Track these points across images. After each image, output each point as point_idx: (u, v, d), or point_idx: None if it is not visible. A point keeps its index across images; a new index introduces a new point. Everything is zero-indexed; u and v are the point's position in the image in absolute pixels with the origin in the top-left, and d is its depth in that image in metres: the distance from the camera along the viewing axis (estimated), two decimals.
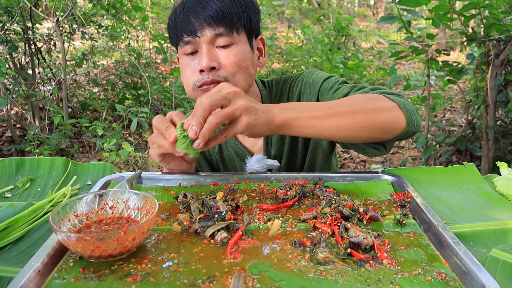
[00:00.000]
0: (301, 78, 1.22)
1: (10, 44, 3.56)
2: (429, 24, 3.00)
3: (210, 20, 1.00)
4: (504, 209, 0.92)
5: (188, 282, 0.61)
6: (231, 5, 1.01)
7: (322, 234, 0.74)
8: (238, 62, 1.04)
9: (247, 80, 1.08)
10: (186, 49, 1.04)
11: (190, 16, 1.01)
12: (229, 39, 1.02)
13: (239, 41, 1.05)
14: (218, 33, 1.01)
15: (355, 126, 0.87)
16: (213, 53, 1.02)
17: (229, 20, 1.01)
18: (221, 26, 1.01)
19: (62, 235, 0.64)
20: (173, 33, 1.07)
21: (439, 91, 4.23)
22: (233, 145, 1.24)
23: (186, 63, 1.06)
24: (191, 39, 1.02)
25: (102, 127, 3.68)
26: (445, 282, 0.63)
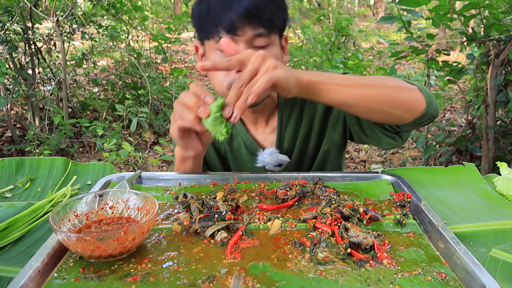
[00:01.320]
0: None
1: (10, 44, 3.56)
2: (429, 24, 3.00)
3: (252, 19, 0.97)
4: (504, 209, 0.92)
5: (188, 282, 0.61)
6: (272, 6, 1.00)
7: (322, 234, 0.74)
8: None
9: None
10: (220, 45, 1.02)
11: (230, 12, 0.97)
12: (267, 40, 1.01)
13: (275, 42, 1.04)
14: (258, 34, 0.99)
15: (378, 98, 0.90)
16: None
17: (270, 21, 1.00)
18: (261, 27, 0.99)
19: (62, 235, 0.64)
20: (205, 26, 1.03)
21: (439, 91, 4.23)
22: (244, 138, 1.23)
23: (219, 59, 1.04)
24: (231, 36, 0.98)
25: (102, 127, 3.68)
26: (445, 282, 0.63)
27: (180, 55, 8.17)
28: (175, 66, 6.72)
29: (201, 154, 1.06)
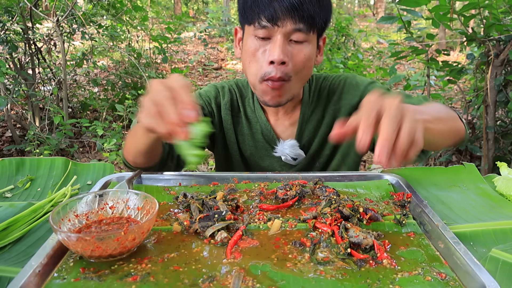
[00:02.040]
0: (343, 78, 1.26)
1: (10, 44, 3.56)
2: (429, 24, 3.00)
3: (294, 13, 0.98)
4: (504, 209, 0.92)
5: (188, 282, 0.61)
6: (316, 4, 1.00)
7: (322, 234, 0.74)
8: (306, 61, 1.05)
9: (305, 79, 1.11)
10: (258, 32, 1.02)
11: (274, 1, 0.98)
12: (304, 36, 1.02)
13: (311, 40, 1.05)
14: (297, 28, 1.00)
15: (446, 132, 0.93)
16: (286, 47, 1.02)
17: (311, 18, 1.00)
18: (302, 22, 1.00)
19: (62, 235, 0.64)
20: (248, 11, 1.03)
21: (439, 91, 4.23)
22: (263, 126, 1.25)
23: (255, 47, 1.04)
24: (270, 26, 1.00)
25: (102, 127, 3.69)
26: (445, 282, 0.63)
27: (180, 55, 8.17)
28: (175, 66, 6.72)
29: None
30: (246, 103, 1.29)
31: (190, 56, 8.21)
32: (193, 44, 9.33)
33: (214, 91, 1.29)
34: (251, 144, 1.28)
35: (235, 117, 1.28)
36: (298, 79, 1.07)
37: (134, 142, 0.98)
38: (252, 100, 1.27)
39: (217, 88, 1.30)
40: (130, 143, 1.01)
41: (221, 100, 1.28)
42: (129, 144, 1.02)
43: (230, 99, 1.28)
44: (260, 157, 1.28)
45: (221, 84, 1.32)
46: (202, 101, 1.27)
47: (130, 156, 1.04)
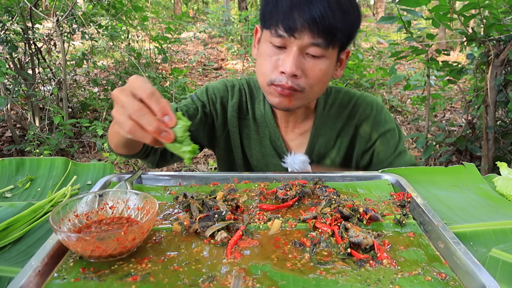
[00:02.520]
0: (369, 105, 1.22)
1: (10, 44, 3.56)
2: (429, 24, 3.00)
3: (314, 26, 0.92)
4: (504, 209, 0.92)
5: (188, 282, 0.61)
6: (340, 20, 0.94)
7: (322, 234, 0.74)
8: (321, 77, 1.01)
9: (319, 93, 1.08)
10: (274, 40, 0.98)
11: (295, 12, 0.93)
12: (322, 52, 0.97)
13: (330, 56, 1.00)
14: (315, 43, 0.95)
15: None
16: (300, 60, 0.98)
17: (332, 34, 0.94)
18: (321, 37, 0.94)
19: (62, 235, 0.64)
20: (267, 15, 0.99)
21: (439, 91, 4.23)
22: (272, 131, 1.21)
23: (269, 54, 1.01)
24: (286, 36, 0.95)
25: (102, 127, 3.68)
26: (445, 282, 0.63)
27: (180, 55, 8.17)
28: (175, 66, 6.72)
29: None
30: (256, 105, 1.24)
31: (190, 56, 8.21)
32: (193, 44, 9.32)
33: (223, 90, 1.24)
34: (257, 149, 1.24)
35: (242, 119, 1.24)
36: (312, 92, 1.03)
37: (113, 136, 0.96)
38: (263, 103, 1.23)
39: (226, 86, 1.25)
40: (111, 136, 0.98)
41: (228, 100, 1.24)
42: (110, 136, 1.00)
43: (238, 101, 1.23)
44: (265, 163, 1.24)
45: (232, 82, 1.27)
46: (207, 98, 1.22)
47: (112, 146, 1.02)
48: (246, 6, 9.65)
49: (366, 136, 1.21)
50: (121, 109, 0.69)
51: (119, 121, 0.69)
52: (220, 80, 1.27)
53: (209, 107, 1.22)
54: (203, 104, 1.21)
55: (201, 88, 1.25)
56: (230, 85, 1.25)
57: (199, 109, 1.19)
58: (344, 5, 0.94)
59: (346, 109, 1.22)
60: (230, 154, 1.27)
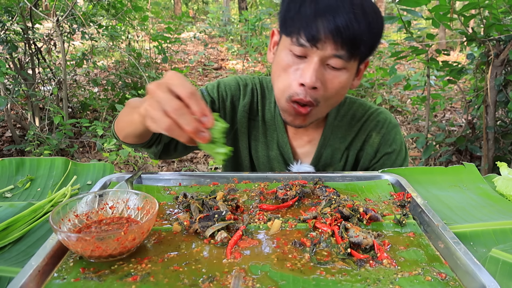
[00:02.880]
0: (382, 122, 1.19)
1: (10, 44, 3.56)
2: (429, 24, 3.00)
3: (338, 37, 0.88)
4: (504, 209, 0.92)
5: (188, 282, 0.61)
6: (365, 31, 0.89)
7: (322, 234, 0.74)
8: (339, 89, 0.98)
9: (334, 105, 1.06)
10: (294, 49, 0.93)
11: (320, 21, 0.87)
12: (343, 64, 0.93)
13: (350, 68, 0.96)
14: (337, 55, 0.91)
15: None
16: (321, 72, 0.93)
17: (355, 46, 0.90)
18: (344, 49, 0.90)
19: (62, 235, 0.64)
20: (289, 22, 0.93)
21: (439, 91, 4.23)
22: (280, 136, 1.18)
23: (288, 63, 0.96)
24: (308, 46, 0.90)
25: (102, 127, 3.69)
26: (445, 282, 0.63)
27: (180, 55, 8.17)
28: (175, 66, 6.72)
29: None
30: (267, 106, 1.20)
31: (190, 56, 8.21)
32: (193, 44, 9.33)
33: (235, 88, 1.20)
34: (264, 152, 1.21)
35: (252, 120, 1.21)
36: (327, 104, 1.01)
37: (129, 126, 0.92)
38: (274, 105, 1.19)
39: (239, 84, 1.21)
40: (125, 125, 0.95)
41: (240, 100, 1.20)
42: (122, 124, 0.96)
43: (250, 101, 1.20)
44: (270, 168, 1.22)
45: (245, 80, 1.22)
46: (217, 94, 1.18)
47: (121, 135, 1.00)
48: (246, 6, 9.65)
49: (371, 153, 1.19)
50: (156, 104, 0.67)
51: (154, 116, 0.68)
52: (232, 76, 1.23)
53: (218, 104, 1.18)
54: (212, 100, 1.17)
55: (213, 83, 1.21)
56: (242, 84, 1.21)
57: (208, 105, 1.16)
58: (369, 16, 0.90)
59: (358, 122, 1.19)
60: (237, 154, 1.25)
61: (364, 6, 0.89)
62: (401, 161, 1.20)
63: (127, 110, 0.95)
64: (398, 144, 1.19)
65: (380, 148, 1.19)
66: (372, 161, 1.20)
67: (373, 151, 1.19)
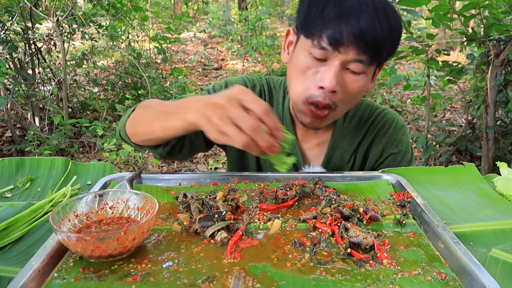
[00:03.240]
0: (389, 122, 1.19)
1: (10, 44, 3.56)
2: (429, 24, 3.00)
3: (361, 42, 0.87)
4: (504, 209, 0.92)
5: (188, 282, 0.61)
6: (388, 37, 0.89)
7: (322, 234, 0.74)
8: (357, 93, 0.98)
9: (350, 108, 1.06)
10: (315, 51, 0.91)
11: (343, 24, 0.86)
12: (363, 69, 0.93)
13: (369, 72, 0.96)
14: (359, 60, 0.90)
15: None
16: (341, 76, 0.93)
17: (378, 51, 0.90)
18: (366, 54, 0.89)
19: (62, 235, 0.64)
20: (310, 23, 0.91)
21: (439, 91, 4.23)
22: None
23: (307, 65, 0.94)
24: (330, 49, 0.89)
25: (102, 127, 3.69)
26: (445, 282, 0.63)
27: (180, 55, 8.17)
28: (175, 66, 6.72)
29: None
30: (275, 107, 1.19)
31: (190, 56, 8.21)
32: (193, 44, 9.33)
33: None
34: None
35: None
36: (343, 107, 1.01)
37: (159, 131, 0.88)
38: (282, 106, 1.19)
39: (247, 85, 1.19)
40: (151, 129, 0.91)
41: None
42: (145, 128, 0.93)
43: None
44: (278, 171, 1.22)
45: (252, 81, 1.21)
46: None
47: (138, 138, 0.97)
48: (246, 6, 9.65)
49: (377, 153, 1.19)
50: (228, 120, 0.68)
51: (229, 132, 0.68)
52: (239, 76, 1.22)
53: None
54: None
55: (220, 83, 1.19)
56: (250, 85, 1.20)
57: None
58: (391, 21, 0.89)
59: (366, 123, 1.19)
60: (243, 156, 1.23)
61: (386, 11, 0.89)
62: (406, 162, 1.20)
63: (152, 113, 0.91)
64: (404, 145, 1.19)
65: (386, 148, 1.19)
66: (377, 161, 1.20)
67: (379, 151, 1.19)
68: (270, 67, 6.69)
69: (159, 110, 0.89)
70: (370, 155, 1.20)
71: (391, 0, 0.96)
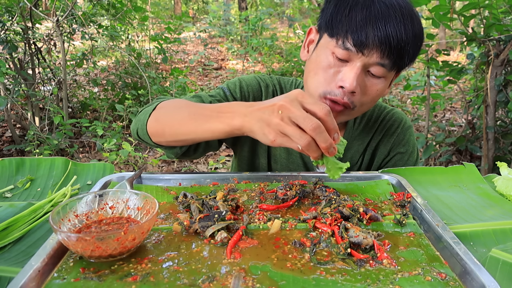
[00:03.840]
0: (397, 122, 1.20)
1: (10, 44, 3.56)
2: (429, 24, 3.00)
3: (386, 46, 0.88)
4: (504, 209, 0.92)
5: (188, 282, 0.61)
6: (411, 43, 0.90)
7: (322, 234, 0.74)
8: (375, 97, 0.98)
9: (365, 111, 1.06)
10: (338, 51, 0.92)
11: (370, 27, 0.87)
12: (384, 73, 0.94)
13: (388, 77, 0.97)
14: (381, 63, 0.91)
15: None
16: (361, 78, 0.94)
17: (400, 56, 0.91)
18: (389, 58, 0.90)
19: (62, 235, 0.64)
20: (336, 23, 0.92)
21: (439, 91, 4.23)
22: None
23: (329, 64, 0.95)
24: (354, 51, 0.90)
25: (102, 127, 3.69)
26: (445, 282, 0.63)
27: (180, 55, 8.17)
28: (175, 66, 6.72)
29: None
30: None
31: (190, 56, 8.21)
32: (193, 44, 9.33)
33: (256, 88, 1.17)
34: (283, 155, 1.20)
35: None
36: (360, 109, 1.01)
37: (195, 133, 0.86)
38: None
39: (260, 85, 1.19)
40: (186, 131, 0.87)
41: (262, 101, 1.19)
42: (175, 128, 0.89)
43: None
44: (289, 171, 1.20)
45: (265, 81, 1.20)
46: (240, 95, 1.14)
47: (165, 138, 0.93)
48: (246, 6, 9.65)
49: (385, 152, 1.20)
50: (290, 121, 0.69)
51: (291, 133, 0.69)
52: (251, 75, 1.22)
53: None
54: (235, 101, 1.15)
55: (234, 81, 1.18)
56: (263, 85, 1.19)
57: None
58: (416, 28, 0.91)
59: (375, 123, 1.20)
60: (255, 158, 1.22)
61: (412, 17, 0.90)
62: (412, 162, 1.20)
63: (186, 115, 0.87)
64: (411, 146, 1.21)
65: (393, 147, 1.20)
66: (384, 160, 1.21)
67: (387, 150, 1.20)
68: (270, 67, 6.69)
69: (195, 112, 0.86)
70: (378, 154, 1.21)
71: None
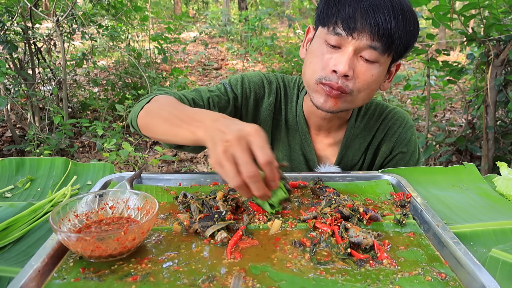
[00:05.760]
0: (399, 121, 1.21)
1: (10, 44, 3.56)
2: (429, 24, 3.00)
3: (376, 29, 0.90)
4: (504, 209, 0.92)
5: (188, 282, 0.61)
6: (402, 27, 0.92)
7: (322, 234, 0.74)
8: (371, 83, 0.98)
9: (365, 101, 1.05)
10: (330, 38, 0.95)
11: (358, 12, 0.91)
12: (377, 57, 0.95)
13: (383, 63, 0.98)
14: (372, 46, 0.93)
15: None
16: (354, 62, 0.95)
17: (391, 40, 0.92)
18: (380, 41, 0.92)
19: (62, 235, 0.64)
20: (327, 12, 0.96)
21: (439, 91, 4.23)
22: (302, 137, 1.18)
23: (322, 52, 0.97)
24: (344, 35, 0.93)
25: (102, 127, 3.68)
26: (445, 282, 0.63)
27: (180, 55, 8.17)
28: (175, 66, 6.72)
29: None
30: (289, 106, 1.20)
31: (190, 56, 8.21)
32: (193, 44, 9.32)
33: (259, 85, 1.18)
34: (285, 153, 1.21)
35: (276, 120, 1.20)
36: (358, 97, 1.01)
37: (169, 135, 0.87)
38: (296, 105, 1.19)
39: (263, 82, 1.19)
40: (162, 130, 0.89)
41: (264, 98, 1.19)
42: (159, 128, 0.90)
43: (274, 100, 1.19)
44: (291, 170, 1.21)
45: (269, 78, 1.21)
46: (241, 91, 1.15)
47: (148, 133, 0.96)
48: (246, 6, 9.65)
49: (387, 151, 1.21)
50: (231, 158, 0.68)
51: (227, 170, 0.68)
52: (256, 72, 1.22)
53: (241, 101, 1.16)
54: (235, 97, 1.15)
55: (236, 77, 1.19)
56: (267, 81, 1.20)
57: (231, 102, 1.14)
58: (407, 14, 0.93)
59: (377, 122, 1.20)
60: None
61: (402, 4, 0.93)
62: (414, 162, 1.21)
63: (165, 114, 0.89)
64: (413, 145, 1.21)
65: (395, 147, 1.20)
66: (386, 159, 1.21)
67: (388, 149, 1.20)
68: (270, 67, 6.69)
69: (174, 114, 0.87)
70: (380, 153, 1.21)
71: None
